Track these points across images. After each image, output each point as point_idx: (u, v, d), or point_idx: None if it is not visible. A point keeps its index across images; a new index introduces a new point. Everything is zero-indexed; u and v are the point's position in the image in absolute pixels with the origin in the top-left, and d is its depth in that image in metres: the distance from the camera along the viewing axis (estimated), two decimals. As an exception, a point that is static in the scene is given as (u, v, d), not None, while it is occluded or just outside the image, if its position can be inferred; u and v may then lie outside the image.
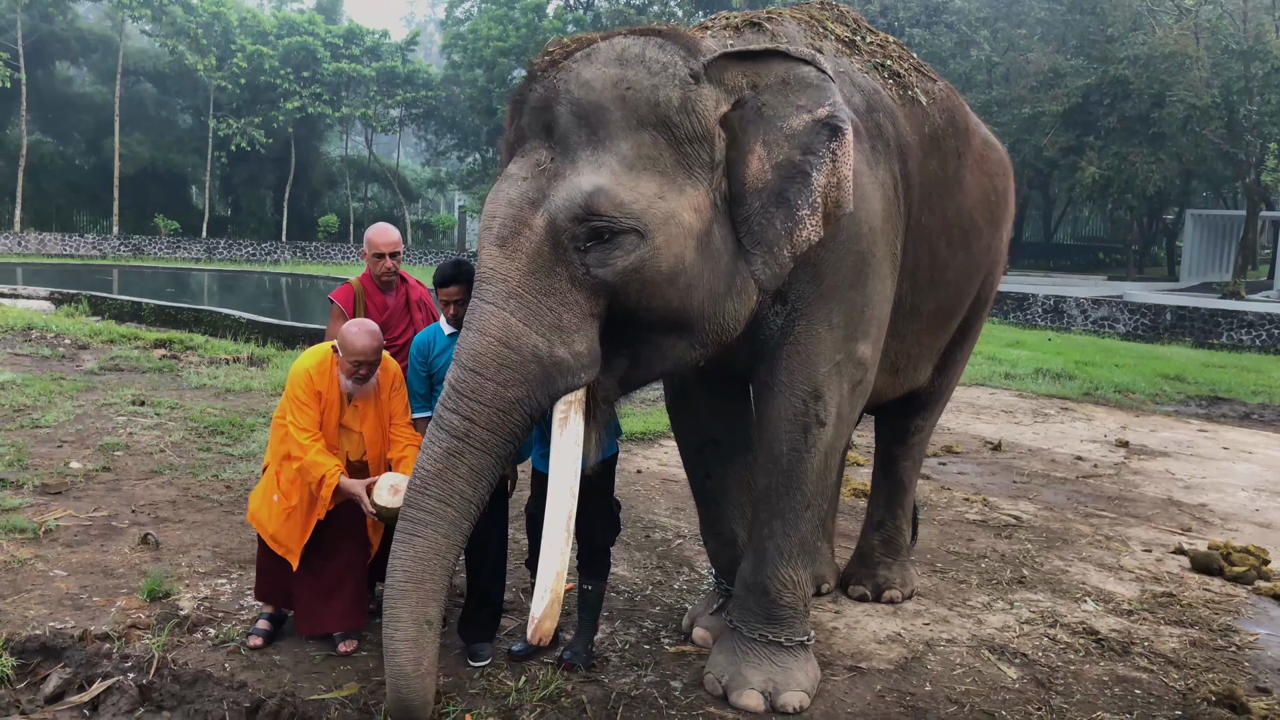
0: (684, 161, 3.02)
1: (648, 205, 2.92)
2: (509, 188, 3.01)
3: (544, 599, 2.98)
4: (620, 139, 2.95)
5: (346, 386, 3.68)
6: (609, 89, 2.95)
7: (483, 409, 2.93)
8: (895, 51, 4.04)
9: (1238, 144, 27.76)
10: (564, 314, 2.95)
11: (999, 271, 4.74)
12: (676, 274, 2.99)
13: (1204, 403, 11.51)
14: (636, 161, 2.95)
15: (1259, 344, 18.49)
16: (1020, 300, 22.25)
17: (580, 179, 2.91)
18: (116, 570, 4.49)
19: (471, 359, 2.94)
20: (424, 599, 2.93)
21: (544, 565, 3.01)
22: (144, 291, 18.16)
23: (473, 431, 2.94)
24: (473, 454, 2.95)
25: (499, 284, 2.94)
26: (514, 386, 2.94)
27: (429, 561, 2.94)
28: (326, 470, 3.55)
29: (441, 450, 2.95)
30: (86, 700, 3.28)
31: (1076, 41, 32.91)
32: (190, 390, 8.97)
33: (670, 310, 3.04)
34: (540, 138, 3.04)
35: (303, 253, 36.69)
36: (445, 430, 2.95)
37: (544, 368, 2.95)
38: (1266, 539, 6.02)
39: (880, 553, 4.73)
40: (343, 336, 3.62)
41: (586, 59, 3.01)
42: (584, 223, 2.89)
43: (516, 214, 2.96)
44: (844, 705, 3.61)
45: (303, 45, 36.20)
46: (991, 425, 9.47)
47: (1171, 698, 3.80)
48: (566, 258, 2.94)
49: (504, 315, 2.92)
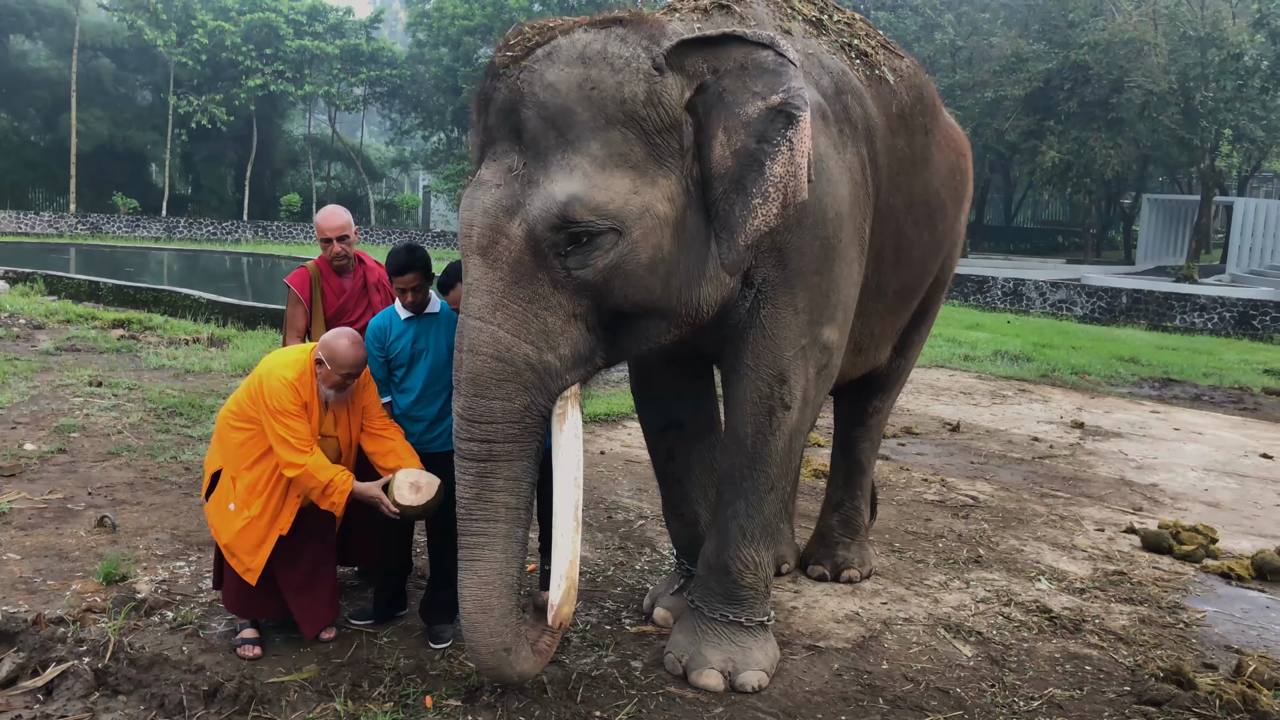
0: (654, 153, 3.03)
1: (623, 203, 2.94)
2: (483, 195, 3.01)
3: (560, 586, 3.07)
4: (590, 139, 2.95)
5: (328, 396, 3.60)
6: (574, 90, 2.94)
7: (496, 427, 3.02)
8: (862, 30, 4.05)
9: (1193, 130, 28.15)
10: (549, 318, 3.01)
11: (957, 253, 4.79)
12: (655, 264, 3.03)
13: (1157, 384, 11.71)
14: (608, 160, 2.96)
15: (1211, 327, 18.81)
16: (980, 283, 22.46)
17: (554, 186, 2.92)
18: (72, 553, 4.44)
19: (470, 384, 3.01)
20: (497, 627, 3.06)
21: (558, 554, 3.08)
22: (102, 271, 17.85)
23: (495, 450, 3.03)
24: (503, 466, 3.06)
25: (484, 296, 2.99)
26: (518, 397, 3.03)
27: (494, 584, 3.06)
28: (335, 476, 3.46)
29: (473, 477, 3.06)
30: (40, 685, 3.24)
31: (1039, 26, 33.15)
32: (149, 371, 8.86)
33: (651, 298, 3.09)
34: (509, 140, 3.04)
35: (265, 232, 36.20)
36: (469, 459, 3.06)
37: (537, 374, 3.03)
38: (1214, 518, 6.16)
39: (839, 533, 4.79)
40: (330, 350, 3.51)
41: (549, 59, 2.98)
42: (562, 230, 2.92)
43: (493, 222, 2.98)
44: (802, 684, 3.66)
45: (265, 22, 35.62)
46: (950, 407, 9.58)
47: (1121, 674, 3.89)
48: (547, 264, 2.98)
49: (492, 329, 2.98)
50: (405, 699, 3.34)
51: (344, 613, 3.98)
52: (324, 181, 42.03)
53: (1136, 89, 28.40)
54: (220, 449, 3.66)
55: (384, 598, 4.00)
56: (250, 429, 3.55)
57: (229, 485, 3.59)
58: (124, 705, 3.20)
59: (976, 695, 3.65)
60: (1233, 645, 4.23)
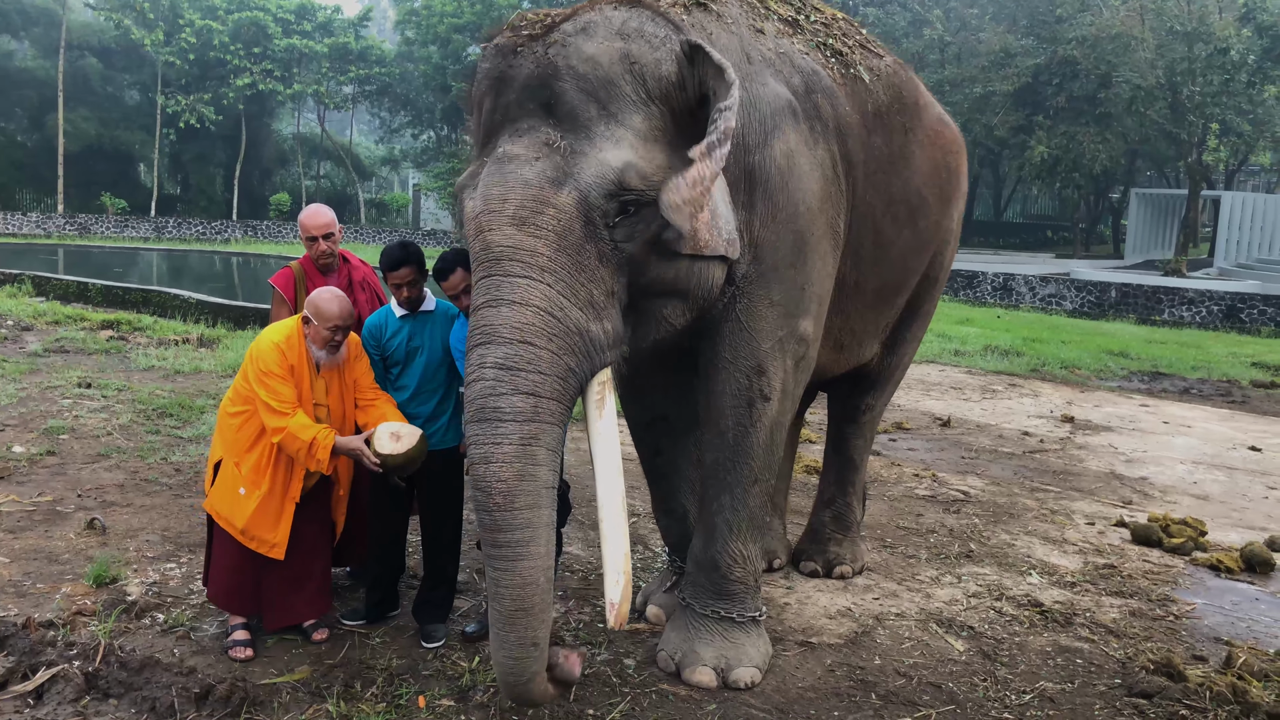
0: (683, 133, 3.06)
1: (664, 177, 2.94)
2: (519, 168, 2.89)
3: (618, 583, 2.94)
4: (633, 112, 2.97)
5: (319, 357, 3.61)
6: (617, 63, 2.94)
7: (545, 379, 2.81)
8: (840, 29, 4.05)
9: (1180, 124, 28.28)
10: (594, 291, 2.93)
11: (950, 250, 4.78)
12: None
13: (1146, 378, 11.76)
14: (649, 134, 2.98)
15: (1199, 320, 18.89)
16: (970, 278, 22.51)
17: (606, 155, 2.90)
18: (61, 556, 4.43)
19: (516, 331, 2.79)
20: (532, 624, 2.82)
21: (609, 547, 2.95)
22: (90, 271, 17.75)
23: (540, 407, 2.80)
24: (547, 432, 2.82)
25: (527, 259, 2.83)
26: (567, 355, 2.86)
27: (536, 584, 2.81)
28: (318, 433, 3.46)
29: (515, 446, 2.76)
30: (30, 689, 3.23)
31: (1027, 21, 33.25)
32: (138, 372, 8.82)
33: (679, 275, 3.12)
34: (537, 116, 2.97)
35: (254, 232, 36.04)
36: (511, 419, 2.77)
37: (586, 343, 2.92)
38: (1203, 511, 6.19)
39: (831, 529, 4.80)
40: (316, 305, 3.55)
41: (584, 34, 2.97)
42: (615, 198, 2.90)
43: (536, 194, 2.87)
44: (795, 680, 3.67)
45: (253, 20, 35.44)
46: (941, 402, 9.60)
47: (1111, 667, 3.91)
48: (596, 234, 2.92)
49: (543, 286, 2.83)
50: (398, 699, 3.34)
51: (336, 613, 3.97)
52: (313, 180, 41.87)
53: (1124, 84, 28.51)
54: (220, 438, 3.71)
55: (376, 597, 4.00)
56: (247, 409, 3.59)
57: (233, 471, 3.62)
58: (115, 709, 3.19)
59: (969, 690, 3.66)
60: (1222, 637, 4.25)
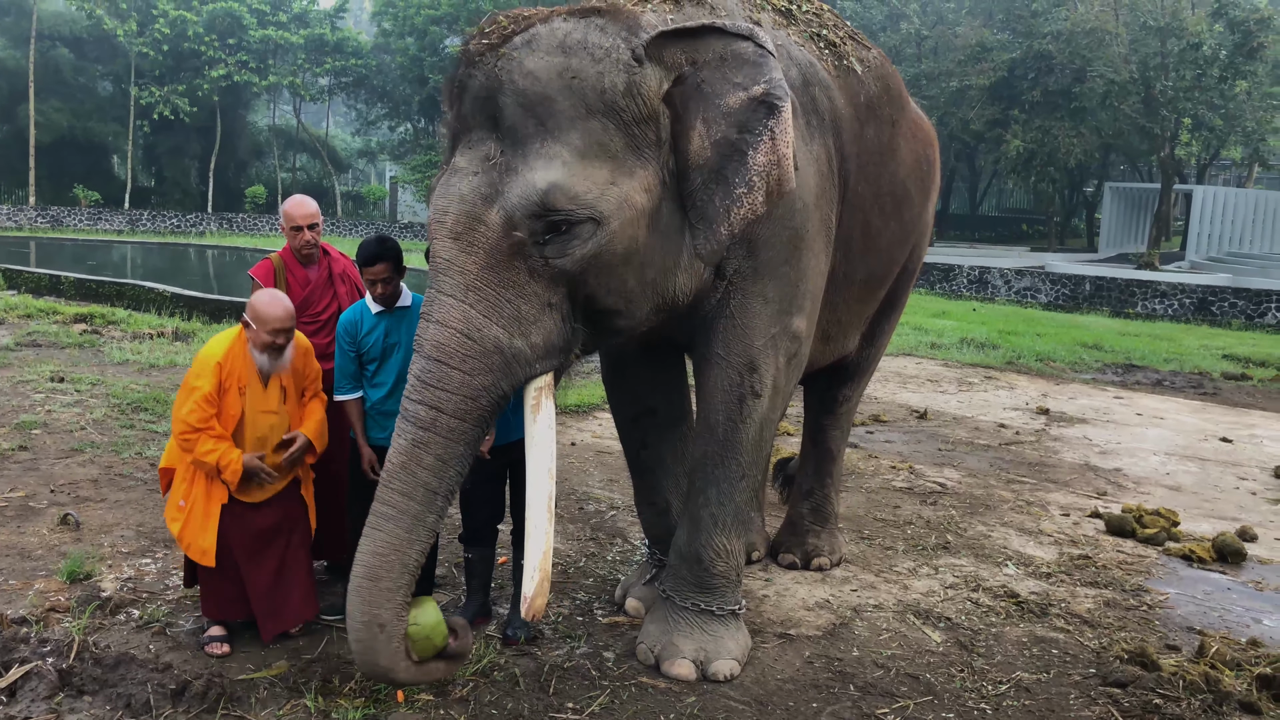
0: (632, 144, 3.02)
1: (601, 193, 2.93)
2: (459, 182, 2.97)
3: (534, 578, 3.00)
4: (569, 129, 2.94)
5: (263, 363, 3.55)
6: (554, 79, 2.93)
7: (450, 396, 2.92)
8: (830, 20, 4.07)
9: (1153, 119, 28.53)
10: (522, 305, 2.97)
11: (925, 243, 4.83)
12: (631, 254, 3.04)
13: (1119, 370, 11.87)
14: (587, 150, 2.95)
15: (1171, 313, 19.10)
16: (946, 271, 22.65)
17: (534, 174, 2.90)
18: (34, 552, 4.38)
19: (435, 349, 2.92)
20: (377, 598, 2.89)
21: (531, 545, 3.03)
22: (63, 264, 17.57)
23: (439, 420, 2.92)
24: (439, 443, 2.93)
25: (456, 276, 2.93)
26: (480, 375, 2.95)
27: (387, 557, 2.91)
28: (227, 456, 3.44)
29: (407, 442, 2.93)
30: (3, 687, 3.19)
31: (1003, 16, 33.45)
32: (112, 366, 8.74)
33: (625, 288, 3.09)
34: (486, 128, 3.01)
35: (229, 224, 35.74)
36: (411, 422, 2.93)
37: (505, 358, 2.97)
38: (1176, 501, 6.26)
39: (809, 521, 4.82)
40: (255, 309, 3.51)
41: (528, 47, 2.97)
42: (541, 218, 2.90)
43: (470, 210, 2.93)
44: (774, 672, 3.68)
45: (228, 11, 35.04)
46: (918, 394, 9.66)
47: (1086, 657, 3.95)
48: (524, 251, 2.94)
49: (464, 308, 2.92)
50: (376, 694, 3.32)
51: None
52: (289, 173, 41.51)
53: (1098, 78, 28.77)
54: (171, 447, 3.66)
55: None
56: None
57: (179, 484, 3.60)
58: (89, 706, 3.16)
59: (946, 680, 3.69)
60: (1195, 627, 4.30)
